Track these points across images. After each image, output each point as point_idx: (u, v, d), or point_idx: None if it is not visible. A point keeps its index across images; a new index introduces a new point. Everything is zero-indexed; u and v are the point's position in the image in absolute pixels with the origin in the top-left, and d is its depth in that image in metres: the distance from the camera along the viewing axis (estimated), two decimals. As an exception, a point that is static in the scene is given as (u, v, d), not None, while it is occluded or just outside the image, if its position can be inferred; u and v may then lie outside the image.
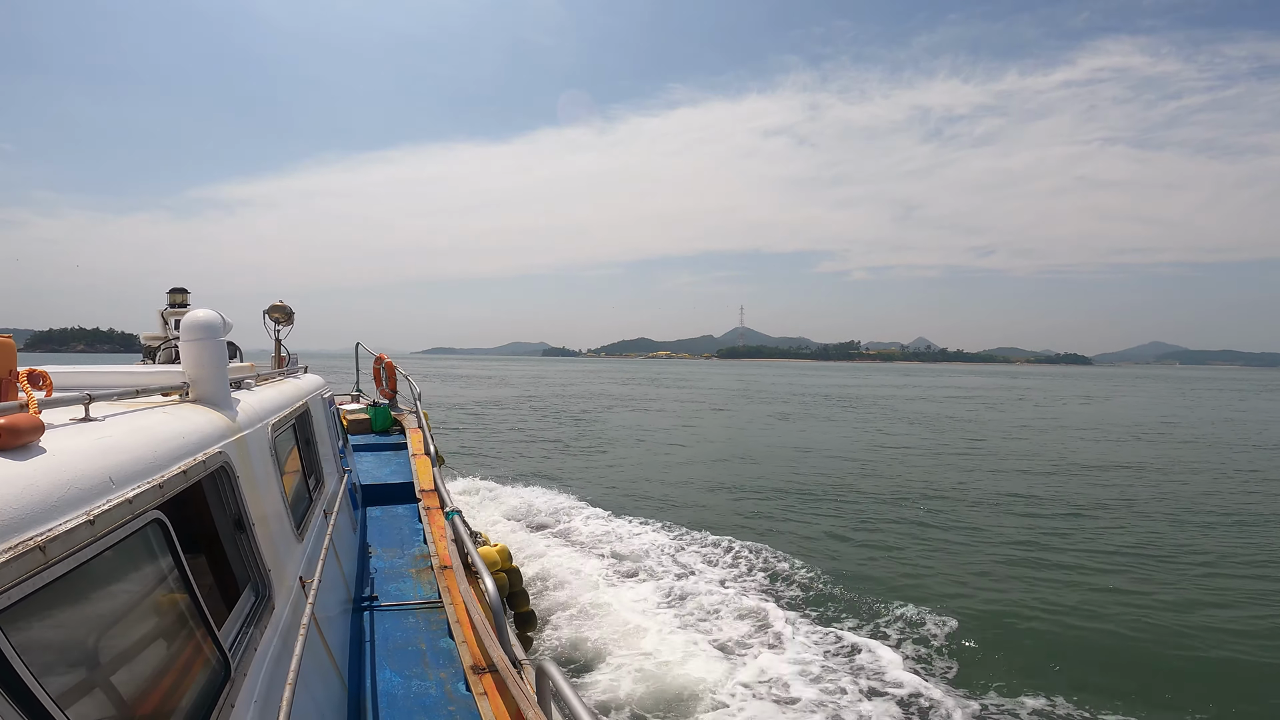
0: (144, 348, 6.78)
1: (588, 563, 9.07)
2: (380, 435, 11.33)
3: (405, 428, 11.28)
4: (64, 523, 1.26)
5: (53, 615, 1.26)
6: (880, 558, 10.27)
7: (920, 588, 8.86)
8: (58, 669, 1.25)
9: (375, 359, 13.74)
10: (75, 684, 1.30)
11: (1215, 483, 16.63)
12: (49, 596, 1.21)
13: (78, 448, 1.53)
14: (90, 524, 1.33)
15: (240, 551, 2.37)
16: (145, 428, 1.91)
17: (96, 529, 1.35)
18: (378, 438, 11.09)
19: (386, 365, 13.39)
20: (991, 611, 8.02)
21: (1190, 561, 10.19)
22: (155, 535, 1.65)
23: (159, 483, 1.68)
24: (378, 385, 13.47)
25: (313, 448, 4.63)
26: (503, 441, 22.57)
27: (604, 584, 8.27)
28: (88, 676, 1.38)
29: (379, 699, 3.65)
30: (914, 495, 14.83)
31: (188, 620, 1.74)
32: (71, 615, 1.34)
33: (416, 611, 4.83)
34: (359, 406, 12.34)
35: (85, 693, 1.33)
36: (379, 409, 11.80)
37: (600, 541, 10.11)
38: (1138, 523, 12.49)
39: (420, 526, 6.62)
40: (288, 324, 6.84)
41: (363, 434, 11.27)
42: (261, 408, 3.21)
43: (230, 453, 2.35)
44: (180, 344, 2.65)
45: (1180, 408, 44.71)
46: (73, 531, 1.27)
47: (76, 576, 1.30)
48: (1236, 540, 11.38)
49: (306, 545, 3.44)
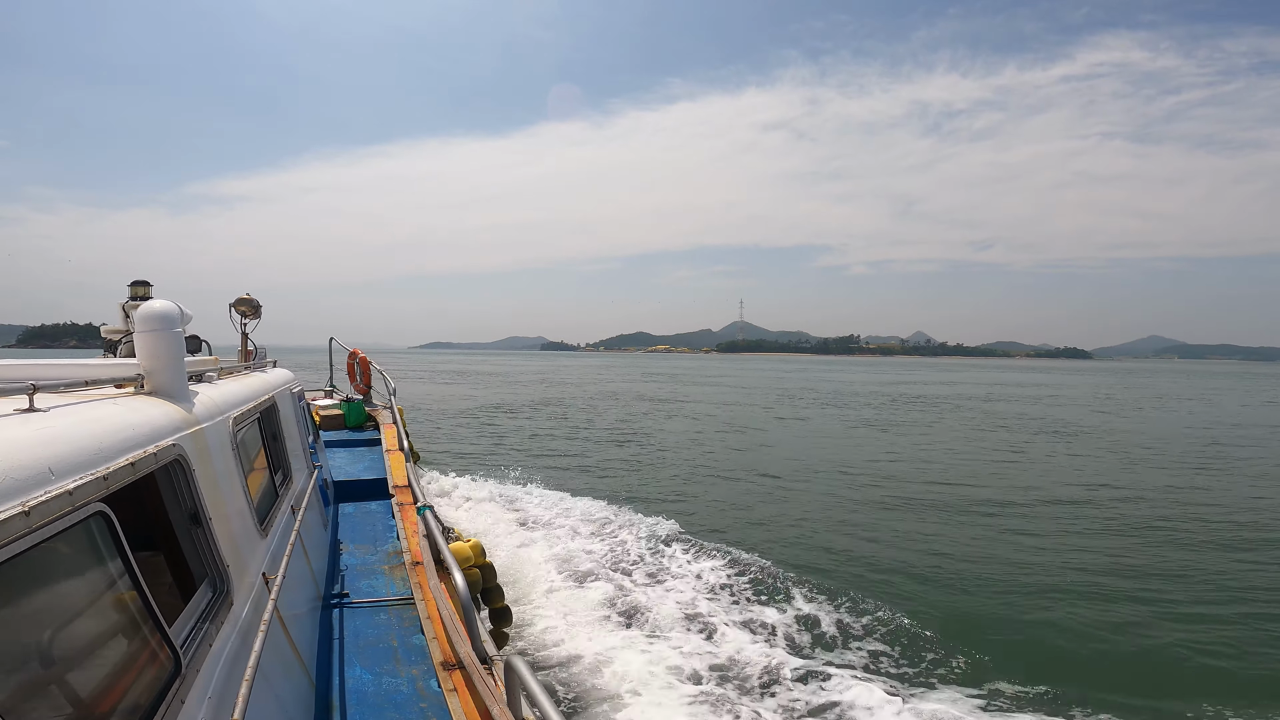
0: (105, 341, 6.60)
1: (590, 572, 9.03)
2: (354, 431, 11.19)
3: (380, 423, 11.15)
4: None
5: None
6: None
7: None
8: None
9: (349, 354, 13.55)
10: (9, 678, 1.26)
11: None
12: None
13: (16, 438, 1.48)
14: (25, 515, 1.28)
15: (196, 546, 2.32)
16: (93, 419, 1.85)
17: (32, 520, 1.30)
18: (351, 433, 10.96)
19: (360, 360, 13.23)
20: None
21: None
22: (99, 528, 1.60)
23: (103, 474, 1.63)
24: (351, 380, 13.29)
25: (280, 443, 4.55)
26: (552, 467, 16.85)
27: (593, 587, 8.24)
28: (22, 673, 1.33)
29: (349, 696, 3.61)
30: (1173, 537, 11.26)
31: (134, 615, 1.70)
32: (5, 610, 1.30)
33: (388, 608, 4.78)
34: (332, 402, 12.16)
35: (19, 690, 1.29)
36: (352, 404, 11.65)
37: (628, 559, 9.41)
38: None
39: (393, 523, 6.55)
40: (254, 317, 6.71)
41: (336, 430, 11.12)
42: (223, 401, 3.14)
43: (185, 446, 2.30)
44: (135, 335, 2.58)
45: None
46: (6, 523, 1.23)
47: (11, 570, 1.26)
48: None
49: (271, 541, 3.38)
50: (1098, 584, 8.97)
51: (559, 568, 8.58)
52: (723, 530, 11.30)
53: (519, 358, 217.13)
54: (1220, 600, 8.53)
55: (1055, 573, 9.39)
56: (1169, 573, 9.47)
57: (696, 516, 12.14)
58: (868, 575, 9.24)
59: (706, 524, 11.62)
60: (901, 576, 9.20)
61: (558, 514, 11.18)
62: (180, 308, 2.73)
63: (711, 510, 12.92)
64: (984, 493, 14.52)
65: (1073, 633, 7.51)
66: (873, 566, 9.62)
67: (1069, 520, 12.33)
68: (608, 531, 10.40)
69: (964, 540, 10.98)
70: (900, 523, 12.04)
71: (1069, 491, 14.82)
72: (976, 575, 9.28)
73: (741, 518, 12.36)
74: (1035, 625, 7.72)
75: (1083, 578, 9.19)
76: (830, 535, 11.20)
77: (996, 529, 11.71)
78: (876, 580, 9.03)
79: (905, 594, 8.54)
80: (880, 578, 9.14)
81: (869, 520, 12.21)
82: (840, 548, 10.50)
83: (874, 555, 10.13)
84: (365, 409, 11.85)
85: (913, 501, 13.68)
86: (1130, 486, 15.40)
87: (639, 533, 10.30)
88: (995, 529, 11.72)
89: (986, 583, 9.03)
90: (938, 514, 12.69)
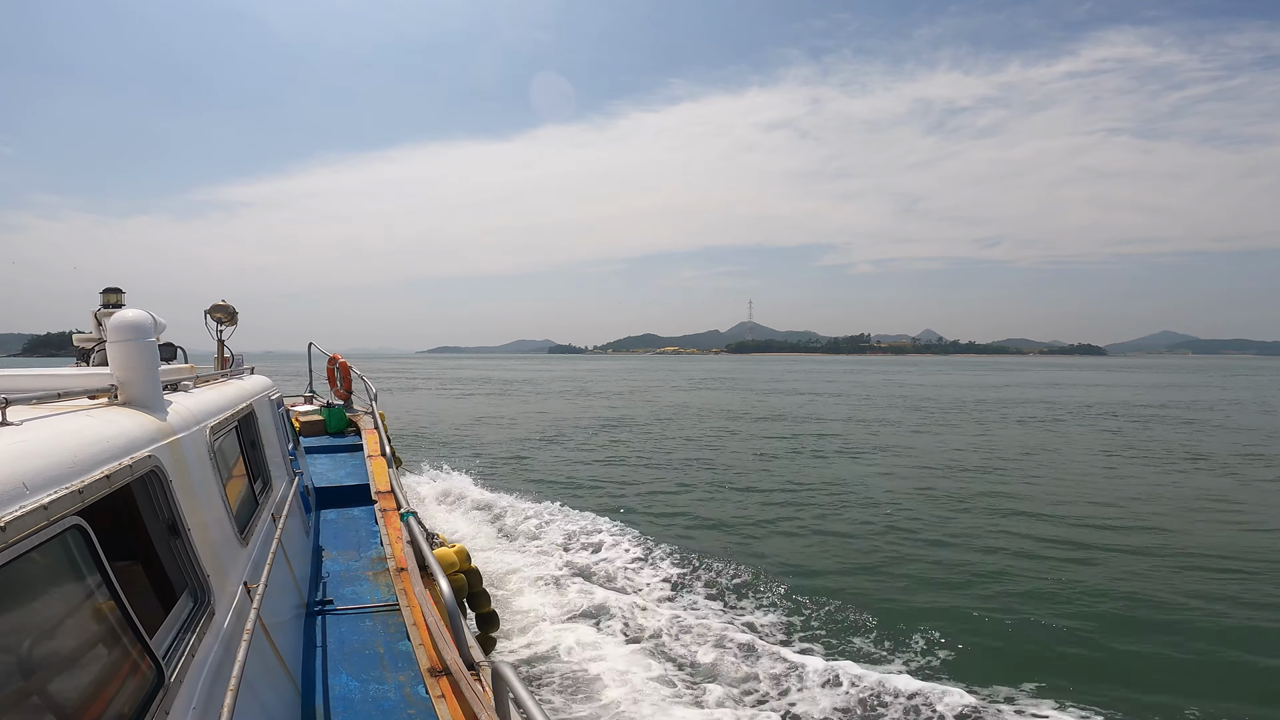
0: (77, 350, 6.47)
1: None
2: (335, 437, 11.07)
3: (361, 429, 11.04)
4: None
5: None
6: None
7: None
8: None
9: (329, 359, 13.41)
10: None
11: None
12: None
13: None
14: (1, 531, 1.27)
15: (176, 558, 2.30)
16: (66, 432, 1.83)
17: (8, 536, 1.29)
18: (332, 439, 10.84)
19: (341, 365, 13.09)
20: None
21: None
22: (75, 542, 1.59)
23: (79, 488, 1.61)
24: (331, 386, 13.15)
25: (259, 450, 4.50)
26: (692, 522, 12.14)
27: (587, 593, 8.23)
28: (3, 689, 1.32)
29: (336, 704, 3.59)
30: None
31: (115, 628, 1.68)
32: None
33: (373, 615, 4.75)
34: (312, 408, 12.02)
35: (2, 705, 1.28)
36: (333, 410, 11.52)
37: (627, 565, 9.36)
38: None
39: (376, 529, 6.51)
40: (231, 324, 6.62)
41: (317, 435, 11.00)
42: (199, 410, 3.11)
43: (162, 457, 2.27)
44: (108, 345, 2.55)
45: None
46: None
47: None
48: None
49: (252, 550, 3.35)
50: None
51: (554, 574, 8.57)
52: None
53: (537, 361, 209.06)
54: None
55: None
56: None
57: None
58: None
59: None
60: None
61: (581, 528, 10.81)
62: (154, 316, 2.70)
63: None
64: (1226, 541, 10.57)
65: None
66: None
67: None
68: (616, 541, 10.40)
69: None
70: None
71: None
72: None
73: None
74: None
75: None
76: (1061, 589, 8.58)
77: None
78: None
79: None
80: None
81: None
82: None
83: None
84: (346, 414, 11.73)
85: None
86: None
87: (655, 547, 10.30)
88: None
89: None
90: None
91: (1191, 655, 6.90)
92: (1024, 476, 16.23)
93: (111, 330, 2.51)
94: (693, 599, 8.07)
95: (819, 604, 7.94)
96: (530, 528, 10.61)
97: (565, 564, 8.97)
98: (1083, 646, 7.10)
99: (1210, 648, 7.04)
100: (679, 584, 8.51)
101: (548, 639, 6.68)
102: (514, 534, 10.40)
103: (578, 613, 7.39)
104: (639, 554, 9.52)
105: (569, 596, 7.77)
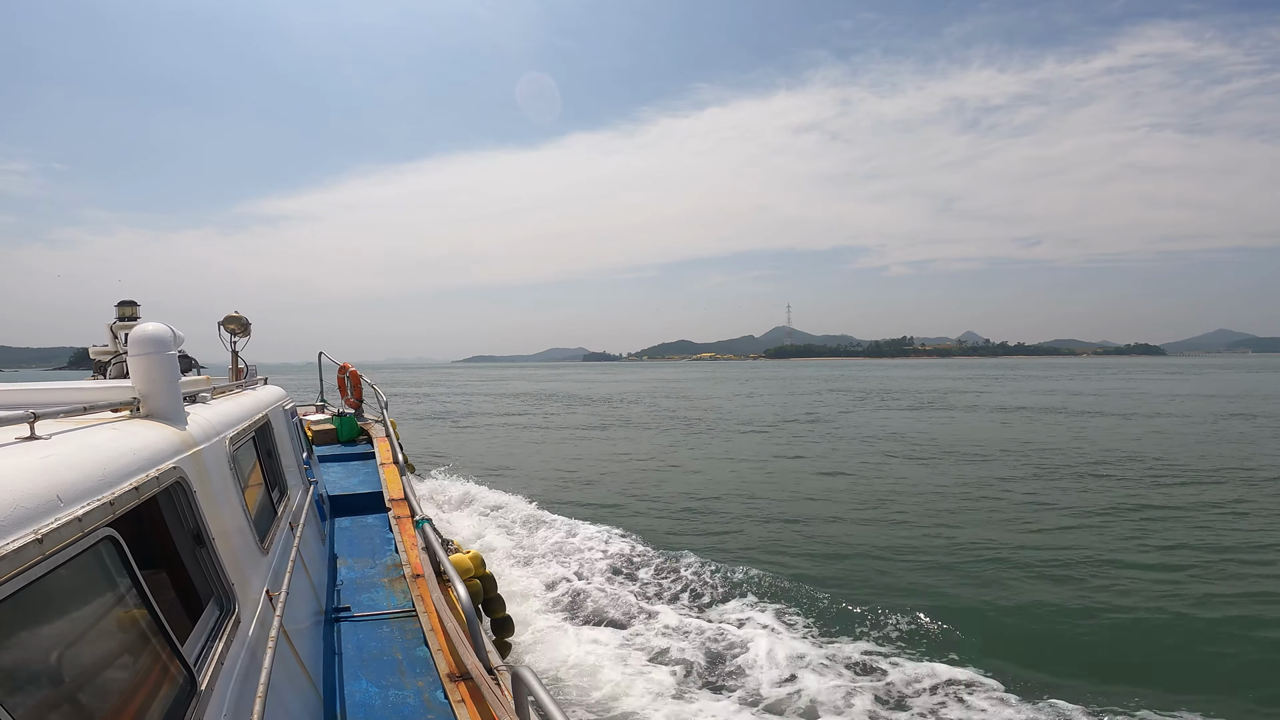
0: (94, 363, 6.55)
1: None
2: (347, 445, 11.14)
3: (373, 437, 11.11)
4: (10, 543, 1.23)
5: (4, 636, 1.23)
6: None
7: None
8: (13, 690, 1.22)
9: (339, 368, 13.49)
10: (33, 704, 1.27)
11: None
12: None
13: (23, 466, 1.50)
14: (39, 543, 1.30)
15: (201, 567, 2.33)
16: (94, 445, 1.87)
17: (45, 548, 1.32)
18: (344, 448, 10.92)
19: (351, 374, 13.17)
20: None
21: None
22: (108, 552, 1.62)
23: (109, 499, 1.64)
24: (342, 395, 13.24)
25: (275, 460, 4.54)
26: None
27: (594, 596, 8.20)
28: (46, 697, 1.35)
29: (357, 710, 3.61)
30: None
31: (149, 636, 1.71)
32: (24, 636, 1.31)
33: (390, 621, 4.78)
34: (324, 417, 12.10)
35: (45, 713, 1.30)
36: (344, 419, 11.60)
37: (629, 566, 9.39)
38: None
39: (391, 536, 6.54)
40: (244, 335, 6.68)
41: (329, 444, 11.08)
42: (218, 421, 3.14)
43: (186, 468, 2.31)
44: (129, 359, 2.59)
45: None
46: (20, 551, 1.25)
47: (27, 596, 1.28)
48: None
49: (272, 558, 3.38)
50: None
51: (570, 581, 8.55)
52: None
53: (570, 370, 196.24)
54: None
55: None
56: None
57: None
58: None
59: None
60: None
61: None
62: (172, 329, 2.74)
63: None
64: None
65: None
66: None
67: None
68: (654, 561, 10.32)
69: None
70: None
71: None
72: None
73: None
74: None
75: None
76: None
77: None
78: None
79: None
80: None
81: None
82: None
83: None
84: (358, 423, 11.80)
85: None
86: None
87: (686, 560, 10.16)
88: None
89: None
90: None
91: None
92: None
93: (133, 344, 2.55)
94: (722, 610, 7.93)
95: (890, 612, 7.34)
96: (557, 536, 10.54)
97: (580, 571, 8.97)
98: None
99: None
100: (701, 595, 8.46)
101: (561, 645, 6.68)
102: (531, 543, 10.39)
103: (592, 619, 7.38)
104: (661, 562, 9.45)
105: (584, 603, 7.78)
